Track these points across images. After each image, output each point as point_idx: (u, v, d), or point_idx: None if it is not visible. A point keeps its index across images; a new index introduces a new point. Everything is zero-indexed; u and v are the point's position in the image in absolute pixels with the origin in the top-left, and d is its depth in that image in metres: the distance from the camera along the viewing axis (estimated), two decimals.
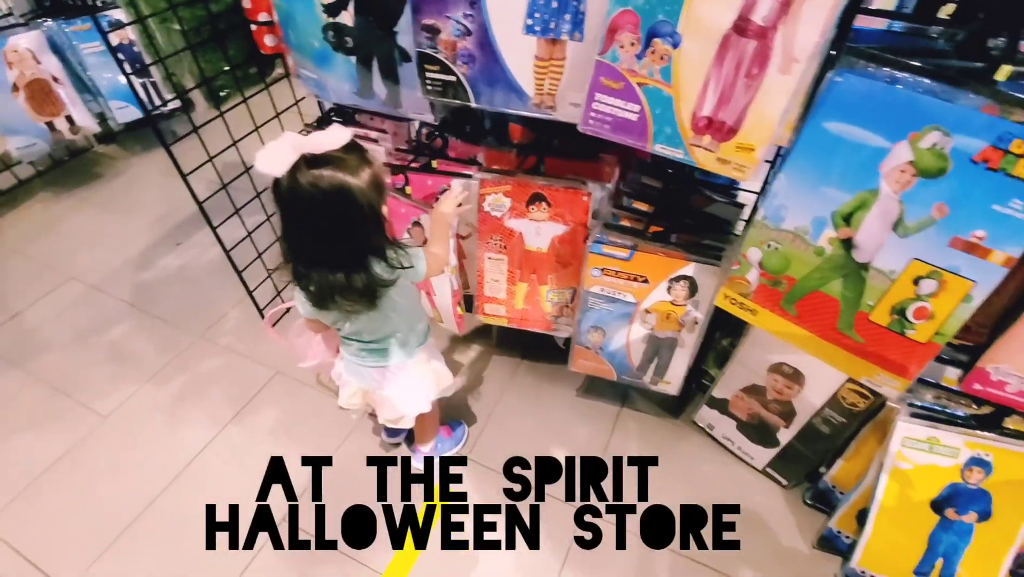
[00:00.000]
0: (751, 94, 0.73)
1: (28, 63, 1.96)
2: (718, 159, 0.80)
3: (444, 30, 0.87)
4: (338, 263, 0.87)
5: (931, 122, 0.71)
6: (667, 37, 0.73)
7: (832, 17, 0.65)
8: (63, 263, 1.98)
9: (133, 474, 1.38)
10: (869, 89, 0.74)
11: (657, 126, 0.81)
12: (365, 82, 1.08)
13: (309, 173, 0.78)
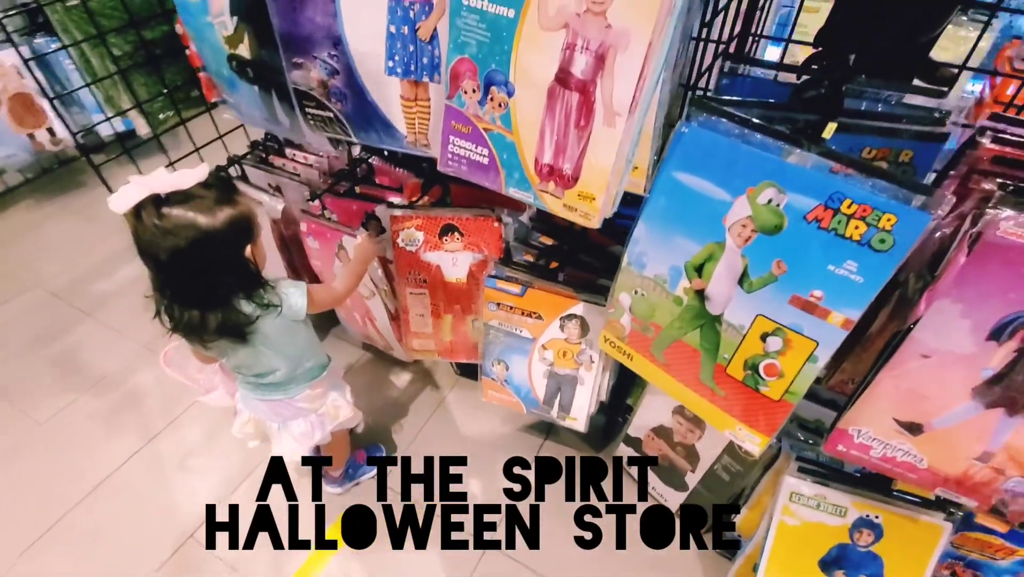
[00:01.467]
0: (583, 144, 0.72)
1: (11, 79, 2.05)
2: (564, 205, 0.79)
3: (312, 68, 0.89)
4: (192, 301, 0.88)
5: (767, 178, 0.69)
6: (502, 86, 0.73)
7: (649, 73, 0.64)
8: (31, 270, 2.05)
9: (58, 481, 1.41)
10: (713, 142, 0.73)
11: (507, 170, 0.80)
12: (270, 111, 1.11)
13: (155, 212, 0.79)
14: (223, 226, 0.83)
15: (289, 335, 1.02)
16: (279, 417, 1.11)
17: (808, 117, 0.72)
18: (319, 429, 1.16)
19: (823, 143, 0.67)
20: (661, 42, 0.63)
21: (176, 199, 0.80)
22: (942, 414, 0.72)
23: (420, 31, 0.79)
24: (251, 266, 0.91)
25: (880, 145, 0.77)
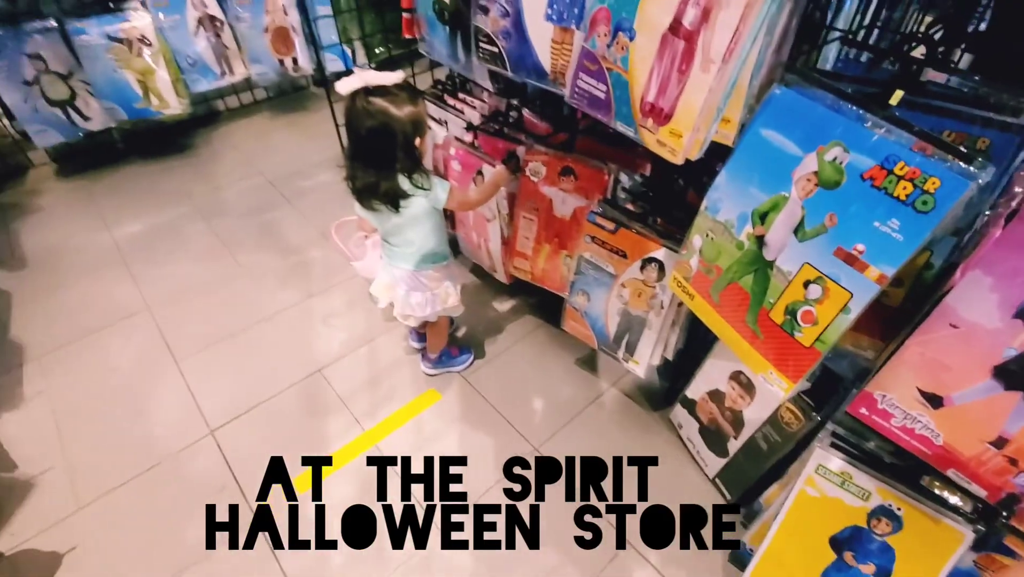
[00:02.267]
0: (681, 86, 0.87)
1: (279, 14, 2.67)
2: (657, 140, 0.94)
3: (492, 9, 1.14)
4: (373, 167, 1.19)
5: (836, 138, 0.79)
6: (627, 31, 0.90)
7: (745, 30, 0.78)
8: (259, 162, 2.67)
9: (238, 309, 1.88)
10: (798, 104, 0.84)
11: (617, 106, 0.98)
12: (453, 48, 1.40)
13: (365, 98, 1.11)
14: (406, 117, 1.12)
15: (427, 218, 1.30)
16: (406, 285, 1.41)
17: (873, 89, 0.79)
18: (431, 305, 1.44)
19: (890, 108, 0.74)
20: (758, 7, 0.76)
21: (379, 92, 1.11)
22: (962, 389, 0.76)
23: None
24: (417, 153, 1.19)
25: (959, 129, 0.81)
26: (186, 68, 2.57)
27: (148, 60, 2.37)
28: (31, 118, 2.30)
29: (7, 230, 2.23)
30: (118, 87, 2.37)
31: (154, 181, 2.55)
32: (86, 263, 2.06)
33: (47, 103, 2.32)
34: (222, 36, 2.64)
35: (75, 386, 1.63)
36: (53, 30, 2.26)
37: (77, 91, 2.37)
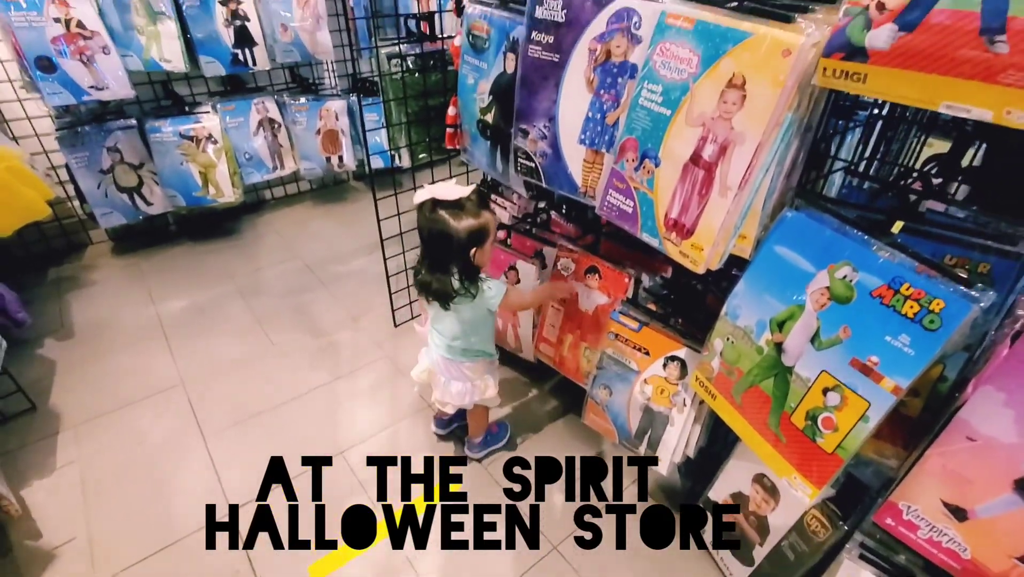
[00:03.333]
0: (701, 208, 0.98)
1: (331, 119, 2.98)
2: (680, 252, 1.04)
3: (531, 132, 1.30)
4: (431, 268, 1.31)
5: (845, 258, 0.87)
6: (653, 159, 1.03)
7: (757, 164, 0.89)
8: (298, 247, 2.85)
9: (267, 387, 1.95)
10: (808, 226, 0.93)
11: (643, 219, 1.09)
12: (493, 159, 1.56)
13: (431, 210, 1.25)
14: (463, 230, 1.25)
15: (477, 318, 1.39)
16: (448, 374, 1.47)
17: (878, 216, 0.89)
18: (470, 396, 1.49)
19: (892, 237, 0.83)
20: (769, 144, 0.88)
21: (443, 205, 1.25)
22: (985, 502, 0.78)
23: (608, 118, 1.14)
24: (472, 261, 1.30)
25: (960, 254, 0.89)
26: (243, 162, 2.84)
27: (211, 155, 2.63)
28: (100, 202, 2.53)
29: (60, 301, 2.37)
30: (182, 177, 2.61)
31: (200, 261, 2.72)
32: (129, 336, 2.17)
33: (117, 189, 2.56)
34: (278, 136, 2.94)
35: (105, 457, 1.66)
36: (133, 127, 2.54)
37: (144, 179, 2.62)
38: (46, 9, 2.09)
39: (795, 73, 0.81)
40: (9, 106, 2.41)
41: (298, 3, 2.64)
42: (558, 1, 1.14)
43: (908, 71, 0.70)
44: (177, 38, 2.42)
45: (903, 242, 0.84)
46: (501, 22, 1.37)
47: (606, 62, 1.12)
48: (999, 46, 0.63)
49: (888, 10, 0.70)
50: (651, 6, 1.02)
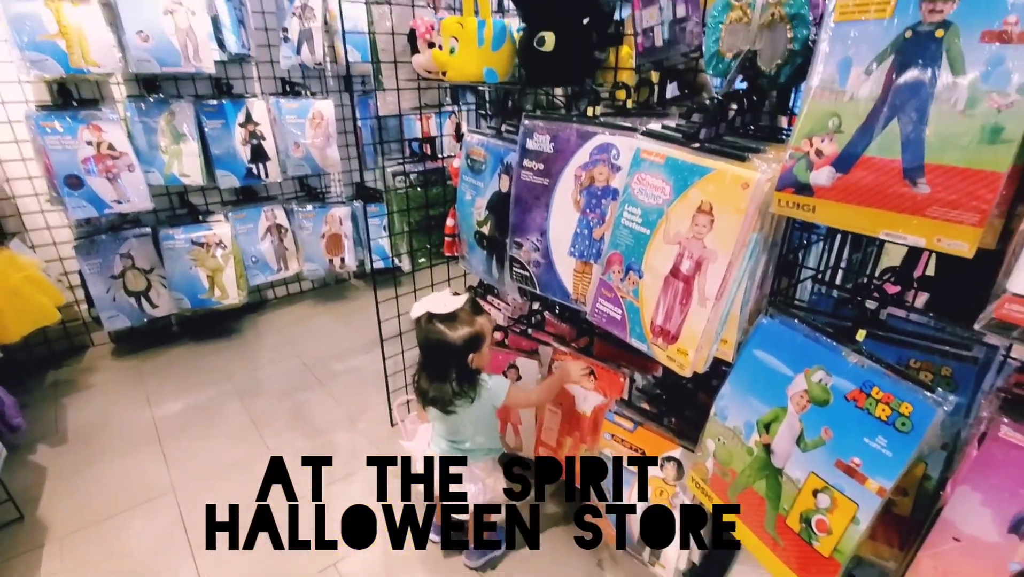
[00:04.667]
0: (683, 316, 1.06)
1: (336, 224, 3.16)
2: (667, 356, 1.11)
3: (525, 245, 1.41)
4: (429, 377, 1.37)
5: (819, 362, 0.94)
6: (636, 271, 1.13)
7: (731, 278, 0.99)
8: (298, 345, 2.90)
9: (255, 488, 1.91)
10: (782, 332, 1.01)
11: (631, 325, 1.17)
12: (489, 267, 1.67)
13: (429, 322, 1.34)
14: (459, 339, 1.33)
15: (481, 416, 1.43)
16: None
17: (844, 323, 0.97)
18: (482, 495, 1.48)
19: (858, 344, 0.91)
20: (739, 261, 0.98)
21: (439, 317, 1.34)
22: None
23: (594, 233, 1.26)
24: (469, 365, 1.37)
25: (923, 359, 0.96)
26: (249, 265, 2.97)
27: (220, 260, 2.76)
28: (108, 306, 2.61)
29: (57, 405, 2.37)
30: (189, 281, 2.72)
31: (199, 362, 2.75)
32: (123, 441, 2.15)
33: (125, 293, 2.65)
34: (284, 240, 3.10)
35: (88, 572, 1.60)
36: (146, 235, 2.69)
37: (153, 283, 2.72)
38: (80, 134, 2.30)
39: (754, 202, 0.93)
40: (32, 217, 2.56)
41: (311, 124, 2.91)
42: (546, 136, 1.30)
43: (850, 205, 0.82)
44: (198, 156, 2.64)
45: (869, 349, 0.91)
46: (496, 149, 1.54)
47: (591, 186, 1.25)
48: (921, 187, 0.74)
49: (825, 156, 0.83)
50: (628, 142, 1.17)
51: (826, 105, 0.82)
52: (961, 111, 0.70)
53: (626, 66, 1.53)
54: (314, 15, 2.78)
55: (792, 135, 0.88)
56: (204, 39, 2.44)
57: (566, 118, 1.30)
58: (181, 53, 2.39)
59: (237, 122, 2.75)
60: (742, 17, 1.02)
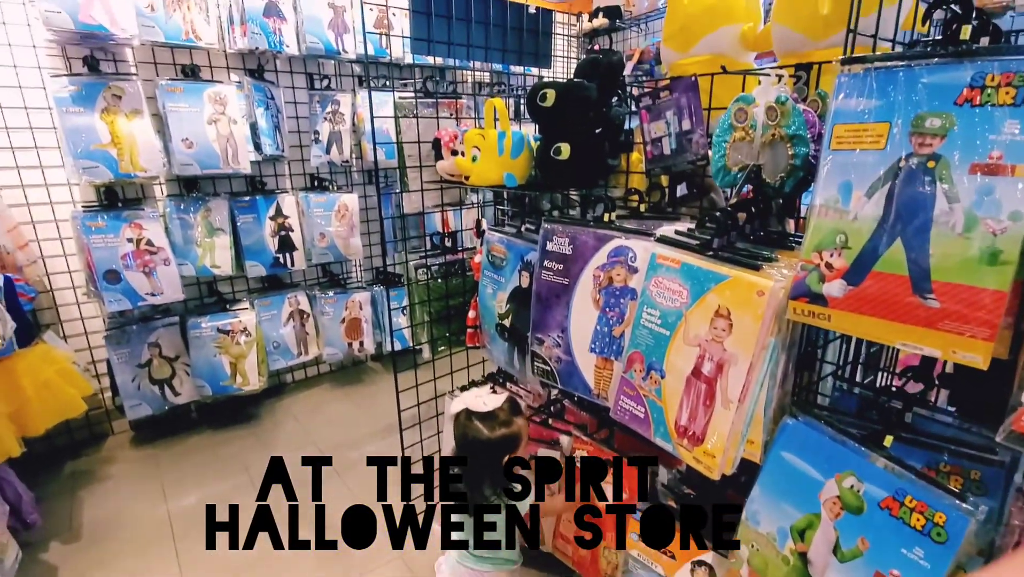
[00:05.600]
0: (708, 417, 1.07)
1: (356, 309, 3.24)
2: (694, 457, 1.11)
3: (546, 341, 1.45)
4: (466, 477, 1.37)
5: (849, 468, 0.94)
6: (658, 371, 1.16)
7: (752, 381, 1.01)
8: (315, 432, 2.89)
9: None
10: (809, 435, 1.02)
11: (655, 425, 1.17)
12: (510, 358, 1.70)
13: (466, 420, 1.36)
14: (496, 439, 1.35)
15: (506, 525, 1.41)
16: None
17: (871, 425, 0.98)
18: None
19: (886, 449, 0.91)
20: (760, 364, 1.01)
21: (477, 415, 1.36)
22: None
23: (614, 331, 1.30)
24: (504, 468, 1.37)
25: (952, 462, 0.95)
26: (271, 351, 3.03)
27: (243, 346, 2.82)
28: (132, 394, 2.65)
29: (73, 499, 2.35)
30: (213, 368, 2.77)
31: (217, 450, 2.74)
32: (137, 540, 2.11)
33: (150, 381, 2.70)
34: (306, 325, 3.17)
35: None
36: (174, 324, 2.78)
37: (177, 371, 2.78)
38: (122, 232, 2.45)
39: (771, 309, 0.97)
40: (67, 308, 2.67)
41: (336, 215, 3.07)
42: (565, 238, 1.38)
43: (864, 316, 0.85)
44: (229, 248, 2.78)
45: (898, 451, 0.91)
46: (516, 247, 1.62)
47: (609, 286, 1.31)
48: (931, 301, 0.78)
49: (835, 269, 0.88)
50: (644, 245, 1.23)
51: (831, 223, 0.88)
52: (960, 234, 0.75)
53: (637, 170, 1.64)
54: (343, 119, 3.03)
55: (802, 247, 0.94)
56: (242, 143, 2.64)
57: (583, 222, 1.38)
58: (221, 157, 2.59)
59: (268, 215, 2.91)
60: (744, 137, 1.12)
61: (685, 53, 1.44)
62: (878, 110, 0.82)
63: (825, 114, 1.04)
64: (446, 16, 1.88)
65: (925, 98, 0.78)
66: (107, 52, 2.49)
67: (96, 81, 2.33)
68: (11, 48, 2.32)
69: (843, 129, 0.86)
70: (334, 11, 2.80)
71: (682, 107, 1.40)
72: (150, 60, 2.61)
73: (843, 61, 0.86)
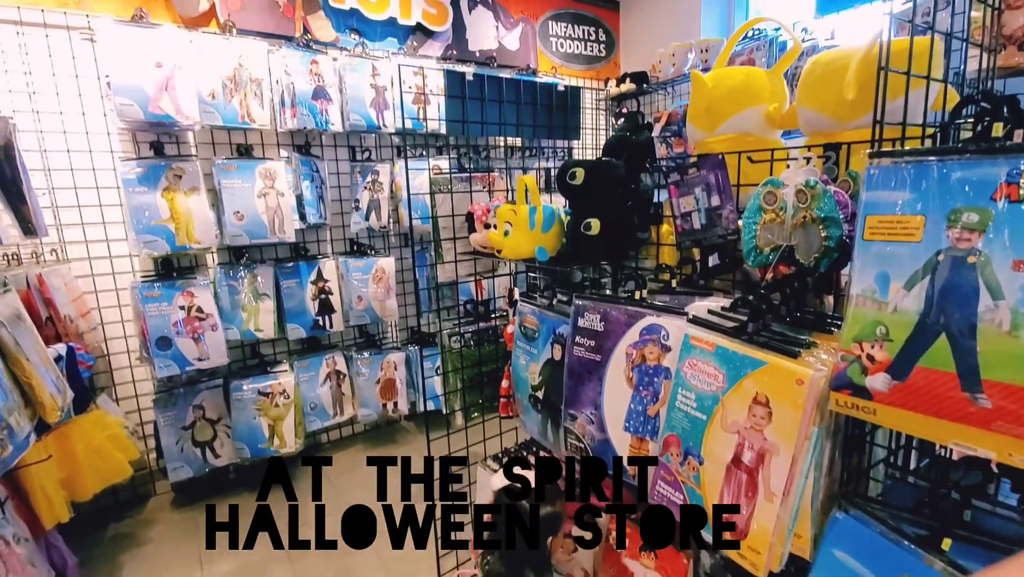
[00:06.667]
0: (751, 510, 1.02)
1: (391, 370, 3.28)
2: (738, 553, 1.05)
3: (579, 417, 1.43)
4: (503, 557, 1.34)
5: (905, 571, 0.88)
6: (696, 456, 1.12)
7: (796, 473, 0.97)
8: (347, 496, 2.87)
9: None
10: (861, 532, 0.96)
11: None
12: (544, 429, 1.68)
13: (504, 496, 1.35)
14: (539, 520, 1.32)
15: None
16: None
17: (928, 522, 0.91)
18: None
19: (944, 553, 0.85)
20: (803, 455, 0.97)
21: (517, 493, 1.35)
22: None
23: (649, 411, 1.28)
24: (546, 550, 1.34)
25: None
26: (308, 412, 3.08)
27: (282, 408, 2.88)
28: (175, 457, 2.73)
29: (113, 563, 2.39)
30: (252, 430, 2.83)
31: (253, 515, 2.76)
32: None
33: (192, 444, 2.77)
34: (342, 386, 3.23)
35: None
36: (218, 386, 2.87)
37: (218, 433, 2.85)
38: (175, 300, 2.59)
39: (811, 399, 0.94)
40: (120, 372, 2.81)
41: (373, 279, 3.17)
42: (597, 315, 1.39)
43: (912, 412, 0.82)
44: (272, 312, 2.90)
45: (959, 553, 0.85)
46: (548, 319, 1.63)
47: (642, 364, 1.30)
48: (982, 401, 0.75)
49: (878, 362, 0.85)
50: (676, 323, 1.23)
51: (870, 313, 0.86)
52: (1007, 332, 0.72)
53: (667, 242, 1.65)
54: (382, 187, 3.18)
55: (841, 335, 0.92)
56: (288, 214, 2.80)
57: (615, 298, 1.39)
58: (268, 227, 2.74)
59: (309, 280, 3.04)
60: (775, 219, 1.12)
61: (711, 133, 1.47)
62: (911, 203, 0.82)
63: (857, 194, 1.04)
64: (479, 98, 1.98)
65: (960, 193, 0.77)
66: (171, 136, 2.72)
67: (160, 163, 2.54)
68: (88, 135, 2.56)
69: (875, 220, 0.86)
70: (376, 91, 3.00)
71: (710, 184, 1.42)
72: (208, 141, 2.83)
73: (871, 155, 0.87)
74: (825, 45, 2.56)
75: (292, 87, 2.76)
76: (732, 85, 1.42)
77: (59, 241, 2.55)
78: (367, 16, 3.20)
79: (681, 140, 3.35)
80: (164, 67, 2.41)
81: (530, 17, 4.00)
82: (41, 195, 2.37)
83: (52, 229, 2.45)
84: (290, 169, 2.89)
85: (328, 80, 2.88)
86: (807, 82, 1.25)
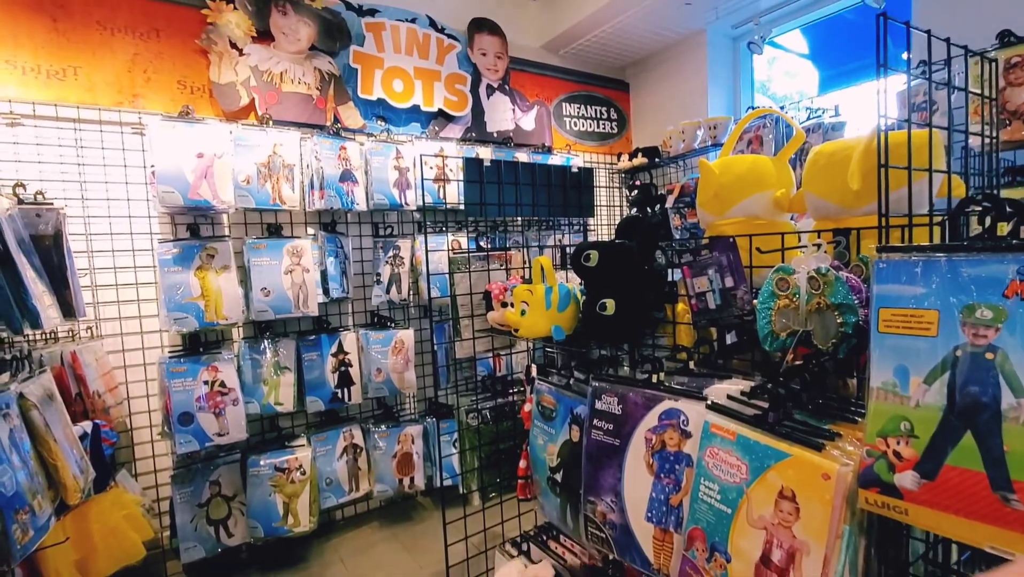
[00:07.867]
0: None
1: (408, 443, 3.24)
2: None
3: (599, 505, 1.39)
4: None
5: None
6: (723, 553, 1.07)
7: (831, 572, 0.92)
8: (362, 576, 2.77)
9: None
10: None
11: None
12: (563, 515, 1.63)
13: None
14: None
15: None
16: None
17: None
18: None
19: None
20: (836, 555, 0.92)
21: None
22: None
23: (671, 500, 1.24)
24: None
25: None
26: (323, 488, 3.03)
27: (297, 485, 2.84)
28: (190, 536, 2.68)
29: None
30: (267, 508, 2.78)
31: None
32: None
33: (207, 522, 2.73)
34: (359, 460, 3.18)
35: None
36: (235, 461, 2.86)
37: (233, 511, 2.80)
38: (200, 375, 2.64)
39: (839, 495, 0.91)
40: (141, 447, 2.82)
41: (393, 350, 3.20)
42: (614, 398, 1.38)
43: (945, 513, 0.79)
44: (293, 385, 2.92)
45: None
46: (566, 399, 1.62)
47: (662, 450, 1.27)
48: (1015, 504, 0.72)
49: (905, 459, 0.83)
50: (695, 408, 1.21)
51: (892, 408, 0.85)
52: None
53: (683, 320, 1.66)
54: (403, 261, 3.28)
55: (864, 429, 0.90)
56: (312, 289, 2.89)
57: (632, 381, 1.39)
58: (293, 302, 2.82)
59: (330, 352, 3.08)
60: (789, 304, 1.13)
61: (721, 216, 1.52)
62: (923, 297, 0.83)
63: (869, 280, 1.05)
64: (496, 182, 2.08)
65: (972, 289, 0.78)
66: (207, 218, 2.89)
67: (195, 244, 2.67)
68: (130, 219, 2.73)
69: (889, 313, 0.87)
70: (399, 172, 3.17)
71: (723, 265, 1.45)
72: (241, 221, 2.99)
73: (879, 249, 0.89)
74: (830, 123, 2.65)
75: (321, 171, 2.93)
76: (738, 172, 1.47)
77: (95, 318, 2.66)
78: (393, 105, 3.43)
79: (694, 211, 3.42)
80: (204, 156, 2.59)
81: (545, 100, 4.24)
82: (82, 276, 2.50)
83: (89, 308, 2.56)
84: (316, 246, 3.01)
85: (355, 164, 3.06)
86: (812, 172, 1.29)
